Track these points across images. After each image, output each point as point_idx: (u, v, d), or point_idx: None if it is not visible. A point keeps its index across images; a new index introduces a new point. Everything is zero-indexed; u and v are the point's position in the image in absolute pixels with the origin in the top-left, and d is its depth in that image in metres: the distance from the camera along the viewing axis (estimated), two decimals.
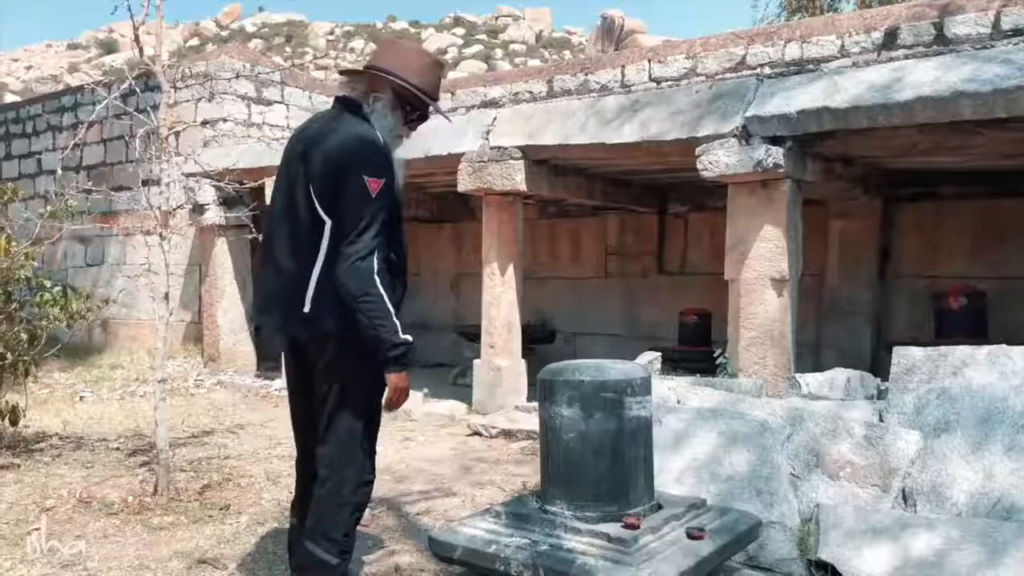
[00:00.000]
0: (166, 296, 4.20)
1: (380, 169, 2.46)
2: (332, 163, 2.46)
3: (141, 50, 3.98)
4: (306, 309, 2.49)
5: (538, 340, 8.14)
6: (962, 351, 3.85)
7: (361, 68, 2.68)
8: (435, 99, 2.69)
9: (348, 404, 2.55)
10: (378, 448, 2.73)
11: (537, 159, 6.26)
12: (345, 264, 2.41)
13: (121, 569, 3.28)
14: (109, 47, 73.85)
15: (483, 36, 75.67)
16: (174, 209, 4.30)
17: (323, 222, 2.47)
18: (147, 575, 3.23)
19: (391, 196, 2.49)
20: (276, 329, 2.69)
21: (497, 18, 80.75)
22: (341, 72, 2.77)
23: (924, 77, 4.57)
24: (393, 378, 2.50)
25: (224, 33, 76.50)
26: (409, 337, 2.47)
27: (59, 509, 4.05)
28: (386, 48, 2.74)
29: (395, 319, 2.44)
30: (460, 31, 77.57)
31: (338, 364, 2.54)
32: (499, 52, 69.78)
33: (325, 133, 2.54)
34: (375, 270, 2.42)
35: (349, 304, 2.42)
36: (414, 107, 2.66)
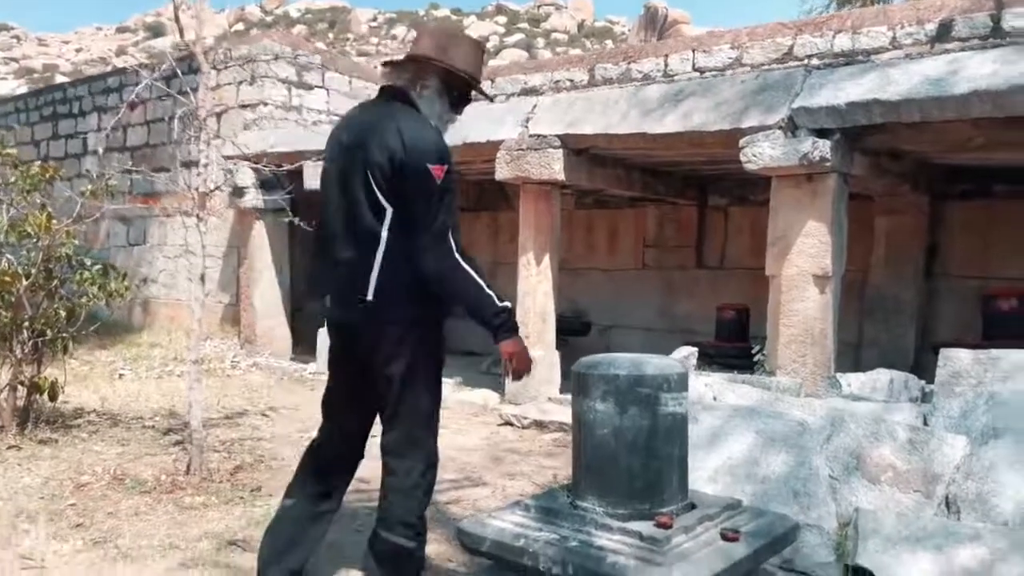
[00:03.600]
0: (202, 277, 4.22)
1: (441, 156, 2.49)
2: (394, 152, 2.45)
3: (182, 31, 3.99)
4: (369, 296, 2.49)
5: (572, 332, 8.06)
6: (1014, 355, 3.71)
7: (405, 57, 2.67)
8: (479, 82, 2.72)
9: (412, 389, 2.57)
10: None
11: (576, 148, 6.17)
12: (425, 253, 2.45)
13: (151, 547, 3.30)
14: (156, 31, 74.93)
15: (525, 25, 75.38)
16: (211, 191, 4.30)
17: (384, 209, 2.48)
18: (176, 555, 3.24)
19: (452, 182, 2.52)
20: (334, 316, 2.66)
21: (539, 7, 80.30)
22: (385, 64, 2.78)
23: (981, 70, 4.40)
24: (503, 345, 2.56)
25: (268, 18, 77.12)
26: (508, 303, 2.54)
27: (93, 486, 4.09)
28: (428, 35, 2.72)
29: (488, 289, 2.50)
30: (502, 19, 77.33)
31: (401, 349, 2.54)
32: (541, 41, 69.46)
33: (381, 122, 2.53)
34: (454, 249, 2.47)
35: (438, 290, 2.49)
36: (460, 92, 2.68)
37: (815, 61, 7.16)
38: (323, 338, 7.88)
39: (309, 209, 7.07)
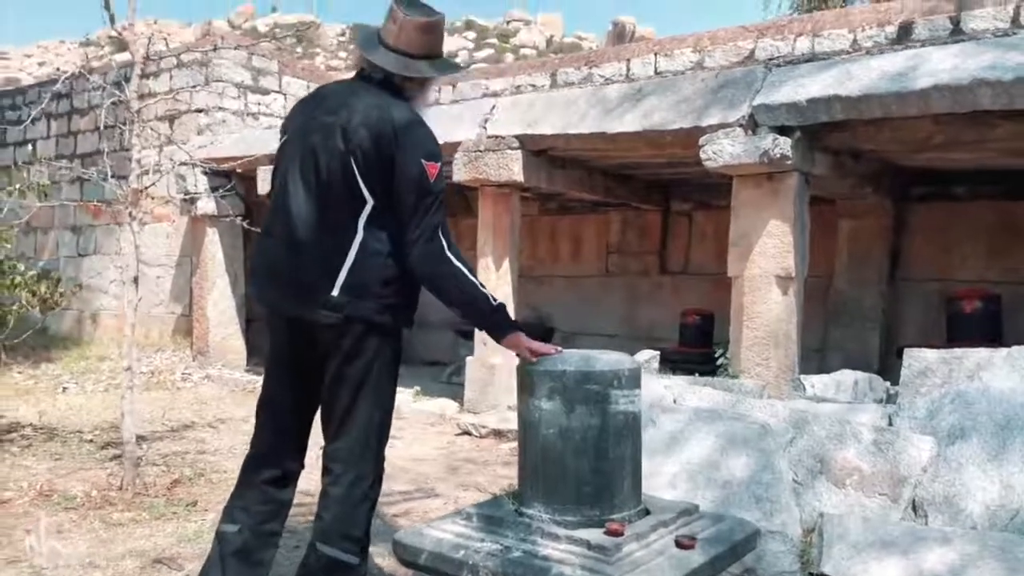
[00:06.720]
0: (135, 280, 3.99)
1: (436, 153, 2.32)
2: (384, 140, 2.25)
3: (112, 17, 3.76)
4: (334, 293, 2.27)
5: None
6: (979, 353, 3.60)
7: (396, 48, 2.40)
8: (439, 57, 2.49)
9: (369, 394, 2.37)
10: None
11: (536, 149, 6.03)
12: (415, 255, 2.28)
13: (69, 567, 3.05)
14: (122, 45, 73.92)
15: (494, 40, 75.40)
16: (146, 188, 4.08)
17: (364, 201, 2.27)
18: (96, 574, 3.00)
19: (444, 180, 2.36)
20: (289, 310, 2.39)
21: (508, 22, 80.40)
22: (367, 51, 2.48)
23: (942, 65, 4.33)
24: (505, 343, 2.44)
25: (236, 32, 76.51)
26: (501, 301, 2.42)
27: (16, 502, 3.83)
28: (419, 29, 2.41)
29: (482, 288, 2.37)
30: (471, 35, 77.30)
31: (362, 348, 2.33)
32: (510, 56, 69.36)
33: (369, 105, 2.31)
34: (445, 247, 2.29)
35: (431, 291, 2.34)
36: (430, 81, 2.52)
37: None
38: None
39: (264, 215, 6.86)
